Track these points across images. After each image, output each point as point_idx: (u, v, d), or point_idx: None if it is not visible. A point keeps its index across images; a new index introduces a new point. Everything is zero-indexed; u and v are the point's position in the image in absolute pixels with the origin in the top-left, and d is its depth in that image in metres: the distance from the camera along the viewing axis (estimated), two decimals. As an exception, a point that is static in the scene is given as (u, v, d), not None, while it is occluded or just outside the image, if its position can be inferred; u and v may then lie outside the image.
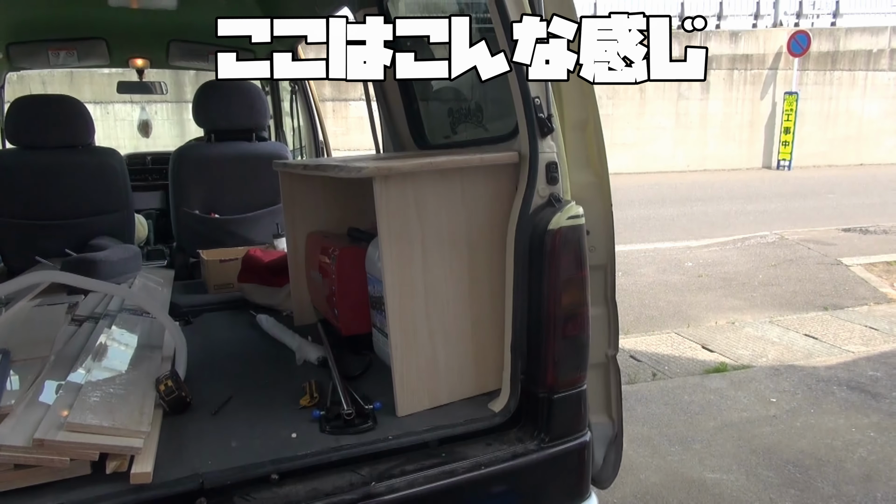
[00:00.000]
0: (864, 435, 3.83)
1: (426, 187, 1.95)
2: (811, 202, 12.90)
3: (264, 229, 3.84)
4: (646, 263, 8.08)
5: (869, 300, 6.55)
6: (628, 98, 18.47)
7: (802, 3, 20.22)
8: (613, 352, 2.17)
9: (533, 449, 1.89)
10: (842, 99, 19.95)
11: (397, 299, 1.94)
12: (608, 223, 2.10)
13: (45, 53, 4.25)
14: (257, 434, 1.87)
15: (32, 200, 3.47)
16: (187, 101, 4.95)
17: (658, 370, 4.85)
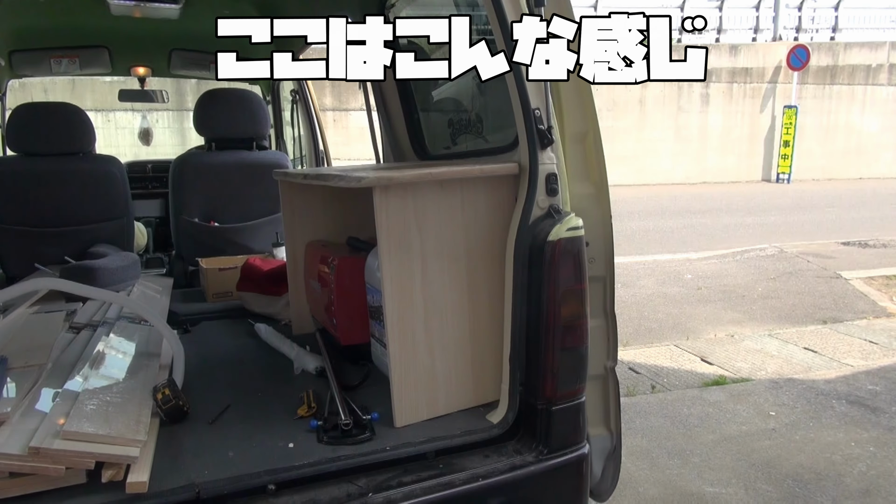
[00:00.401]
0: (864, 449, 3.81)
1: (426, 198, 1.95)
2: (810, 215, 12.92)
3: (264, 238, 3.84)
4: (645, 275, 8.08)
5: (868, 314, 6.54)
6: (628, 111, 18.53)
7: (802, 18, 20.32)
8: (612, 364, 2.16)
9: (531, 461, 1.88)
10: (841, 113, 20.02)
11: (396, 309, 1.94)
12: (607, 235, 2.10)
13: (48, 61, 4.27)
14: (254, 444, 1.86)
15: (32, 207, 3.47)
16: (188, 109, 4.96)
17: (657, 382, 4.83)
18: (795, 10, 20.24)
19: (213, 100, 3.80)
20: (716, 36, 19.55)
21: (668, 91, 18.74)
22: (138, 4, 3.26)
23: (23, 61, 4.24)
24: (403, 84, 2.97)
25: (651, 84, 15.63)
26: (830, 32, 20.50)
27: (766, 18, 19.94)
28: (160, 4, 3.29)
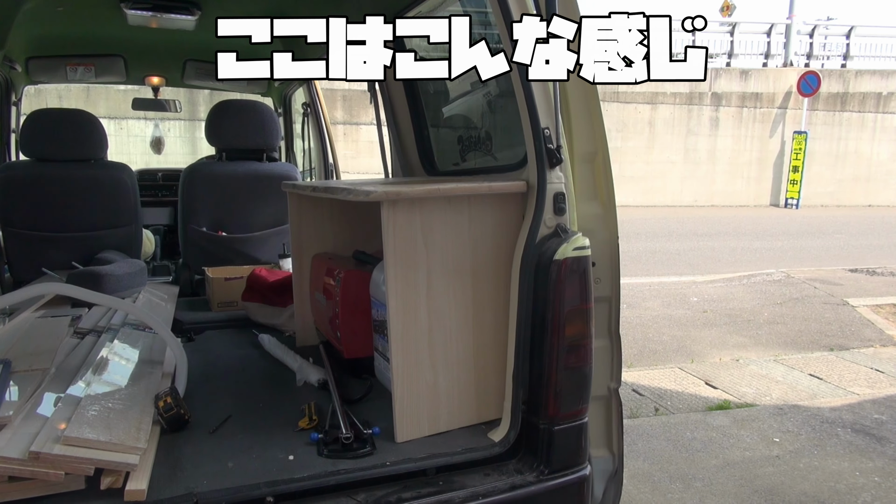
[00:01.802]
0: (869, 479, 3.77)
1: (433, 213, 1.96)
2: (818, 241, 12.86)
3: (271, 249, 3.85)
4: (651, 297, 8.05)
5: (875, 342, 6.49)
6: (637, 132, 18.56)
7: (813, 45, 20.38)
8: (616, 385, 2.15)
9: (531, 481, 1.86)
10: (851, 140, 20.00)
11: (400, 324, 1.94)
12: (614, 255, 2.10)
13: (64, 68, 4.32)
14: (254, 455, 1.86)
15: (42, 212, 3.50)
16: (200, 119, 5.00)
17: (660, 405, 4.80)
18: (807, 36, 20.31)
19: (225, 110, 3.83)
20: (727, 60, 19.62)
21: (678, 113, 18.80)
22: (155, 15, 3.30)
23: (39, 68, 4.29)
24: (414, 99, 2.99)
25: (661, 106, 15.60)
26: (841, 60, 20.55)
27: (778, 44, 20.02)
28: (176, 15, 3.33)
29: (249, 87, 5.07)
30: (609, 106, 17.29)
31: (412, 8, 2.65)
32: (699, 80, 1.82)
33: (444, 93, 2.98)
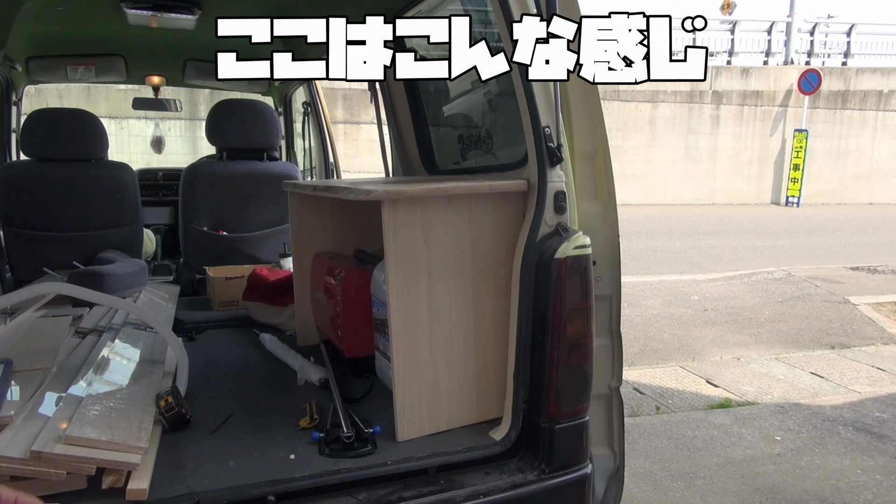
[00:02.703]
0: (870, 477, 3.77)
1: (434, 212, 1.96)
2: (819, 239, 12.85)
3: (271, 248, 3.86)
4: (652, 295, 8.05)
5: (876, 340, 6.49)
6: (638, 130, 18.55)
7: (814, 42, 20.36)
8: (617, 383, 2.15)
9: (532, 479, 1.86)
10: (852, 138, 19.98)
11: (401, 323, 1.94)
12: (615, 254, 2.10)
13: (64, 68, 4.32)
14: (255, 454, 1.86)
15: (43, 212, 3.50)
16: (201, 118, 5.00)
17: (661, 404, 4.80)
18: (807, 34, 20.29)
19: (226, 110, 3.83)
20: (727, 58, 19.60)
21: (679, 112, 18.78)
22: (155, 14, 3.30)
23: (39, 68, 4.29)
24: (414, 98, 2.99)
25: (662, 104, 15.57)
26: (842, 58, 20.52)
27: (778, 42, 19.99)
28: (177, 15, 3.33)
29: (250, 87, 5.07)
30: (610, 104, 17.28)
31: (412, 8, 2.65)
32: (699, 81, 1.81)
33: (445, 92, 2.98)
